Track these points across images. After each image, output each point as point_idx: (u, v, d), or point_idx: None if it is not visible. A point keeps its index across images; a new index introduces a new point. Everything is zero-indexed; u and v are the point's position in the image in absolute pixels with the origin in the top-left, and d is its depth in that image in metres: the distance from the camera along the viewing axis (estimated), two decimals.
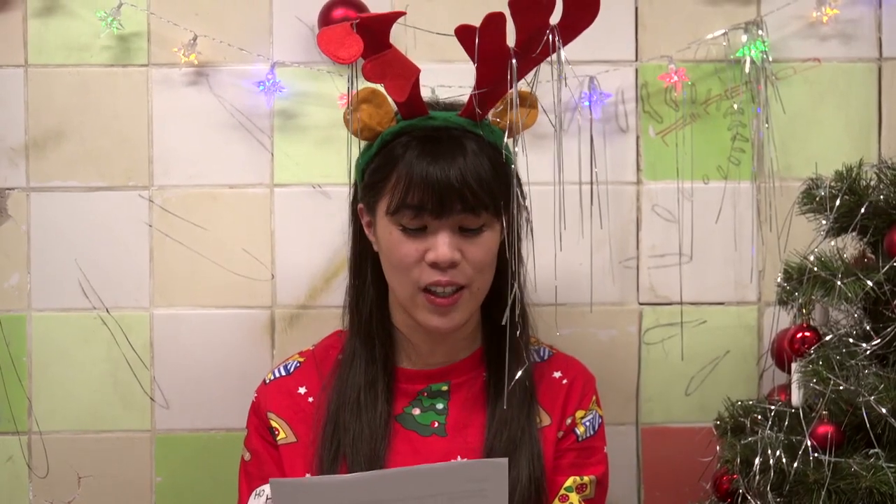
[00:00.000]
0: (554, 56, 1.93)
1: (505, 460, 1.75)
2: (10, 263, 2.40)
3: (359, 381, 2.03)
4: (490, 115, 2.02)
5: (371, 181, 2.00)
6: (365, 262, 2.05)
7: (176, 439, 2.42)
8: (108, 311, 2.41)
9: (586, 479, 2.05)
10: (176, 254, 2.41)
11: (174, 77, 2.40)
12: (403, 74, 1.95)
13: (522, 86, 1.99)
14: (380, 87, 1.99)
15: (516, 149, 1.98)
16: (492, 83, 1.95)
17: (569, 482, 2.04)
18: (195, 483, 2.42)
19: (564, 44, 1.93)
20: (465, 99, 2.02)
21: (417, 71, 1.96)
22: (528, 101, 2.03)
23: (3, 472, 2.42)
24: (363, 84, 1.97)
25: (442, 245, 1.94)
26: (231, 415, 2.25)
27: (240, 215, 2.41)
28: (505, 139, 2.00)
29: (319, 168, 2.41)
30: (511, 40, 1.92)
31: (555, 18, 1.92)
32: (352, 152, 2.00)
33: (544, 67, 1.99)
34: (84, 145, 2.40)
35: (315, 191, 2.41)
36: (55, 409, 2.41)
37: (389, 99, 2.00)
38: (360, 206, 2.04)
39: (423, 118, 2.00)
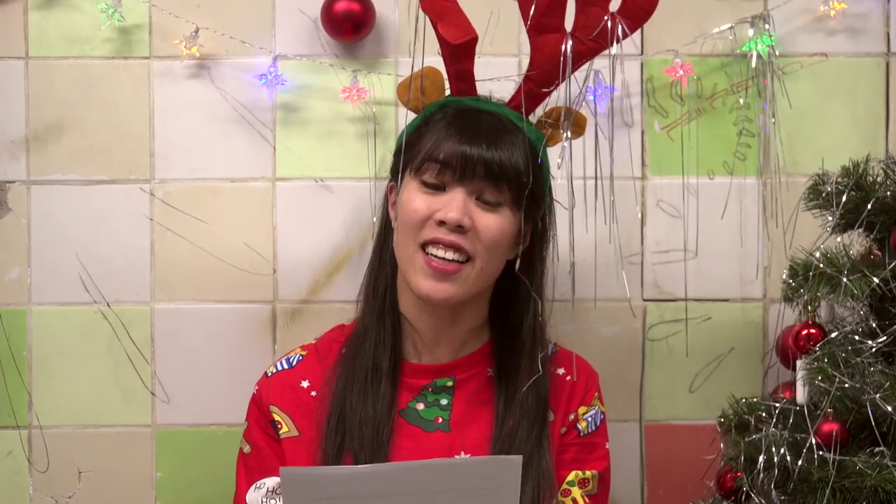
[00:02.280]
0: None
1: (519, 458, 1.73)
2: (11, 257, 2.39)
3: (367, 364, 2.02)
4: (537, 115, 2.04)
5: (407, 143, 1.99)
6: (387, 245, 2.05)
7: (177, 434, 2.42)
8: (108, 305, 2.40)
9: (588, 473, 2.05)
10: (177, 248, 2.40)
11: (176, 70, 2.39)
12: (459, 25, 1.98)
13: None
14: (440, 69, 2.03)
15: (559, 160, 1.99)
16: (543, 66, 1.98)
17: (570, 476, 2.04)
18: (196, 478, 2.41)
19: (630, 32, 1.99)
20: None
21: (474, 33, 1.98)
22: (579, 122, 2.08)
23: (4, 467, 2.41)
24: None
25: (454, 205, 1.93)
26: (232, 410, 2.24)
27: (241, 209, 2.40)
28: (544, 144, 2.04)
29: (322, 162, 2.40)
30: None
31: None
32: (363, 146, 2.00)
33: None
34: (85, 138, 2.39)
35: (317, 185, 2.40)
36: (55, 404, 2.41)
37: (445, 80, 2.04)
38: (391, 183, 2.05)
39: (471, 98, 2.03)
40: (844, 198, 2.05)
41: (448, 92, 2.07)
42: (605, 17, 1.96)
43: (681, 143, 2.41)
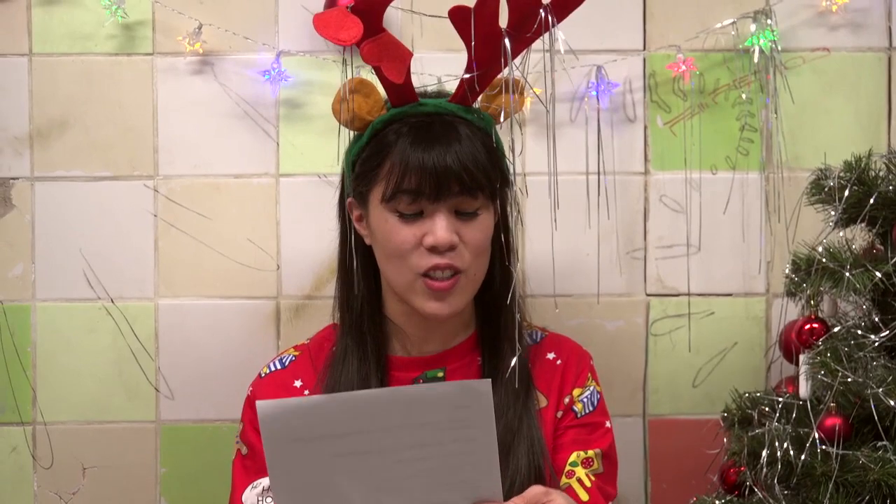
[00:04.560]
0: (547, 38, 1.92)
1: (487, 382, 1.72)
2: (15, 253, 2.40)
3: (352, 379, 2.01)
4: (479, 101, 2.02)
5: (363, 170, 1.98)
6: (354, 257, 2.03)
7: (181, 430, 2.42)
8: (112, 301, 2.40)
9: (591, 452, 2.03)
10: (181, 244, 2.40)
11: (179, 66, 2.39)
12: (399, 56, 1.94)
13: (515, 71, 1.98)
14: (369, 77, 1.98)
15: (521, 133, 1.97)
16: (484, 65, 1.94)
17: (572, 457, 2.02)
18: (200, 474, 2.42)
19: (558, 22, 1.92)
20: (453, 86, 2.01)
21: (410, 54, 1.95)
22: (516, 88, 2.03)
23: (8, 463, 2.42)
24: (354, 73, 1.95)
25: (440, 228, 1.92)
26: (236, 406, 2.23)
27: (245, 205, 2.40)
28: (497, 124, 2.00)
29: (325, 158, 2.40)
30: (503, 23, 1.91)
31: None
32: (345, 142, 1.98)
33: (546, 55, 1.99)
34: (88, 135, 2.39)
35: (321, 180, 2.40)
36: (60, 400, 2.41)
37: (379, 88, 1.99)
38: (350, 199, 2.03)
39: (413, 105, 1.99)
40: (847, 192, 2.05)
41: (384, 96, 2.01)
42: (540, 10, 1.93)
43: (683, 138, 2.41)
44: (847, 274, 1.99)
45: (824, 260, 2.02)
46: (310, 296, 2.41)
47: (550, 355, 2.09)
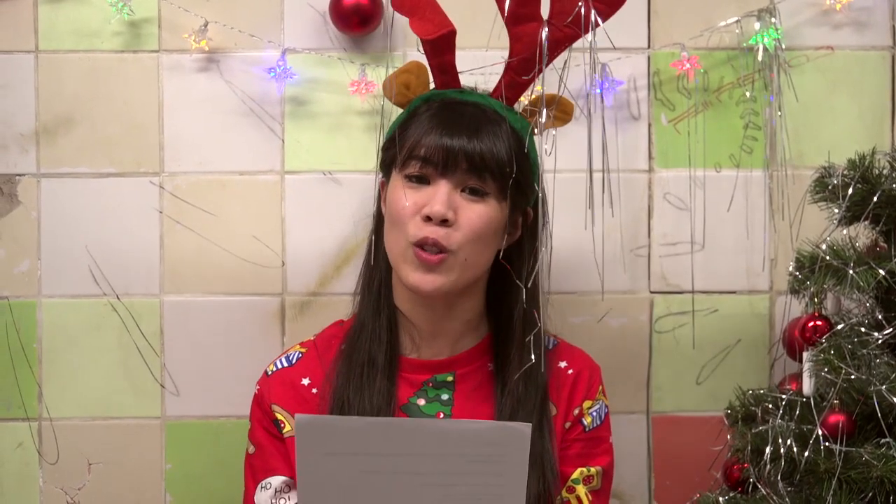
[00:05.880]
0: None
1: (527, 426, 1.71)
2: (21, 249, 2.40)
3: (363, 358, 2.02)
4: (523, 103, 2.03)
5: (390, 140, 2.01)
6: (380, 241, 2.04)
7: (186, 426, 2.42)
8: (118, 297, 2.41)
9: (593, 470, 2.05)
10: (186, 240, 2.40)
11: (185, 63, 2.40)
12: (433, 20, 1.99)
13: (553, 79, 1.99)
14: (424, 62, 2.03)
15: (546, 146, 1.99)
16: (522, 54, 1.99)
17: (576, 474, 2.04)
18: (205, 470, 2.42)
19: (603, 20, 1.97)
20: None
21: (451, 26, 1.99)
22: (565, 108, 2.08)
23: (14, 459, 2.42)
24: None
25: (438, 199, 1.93)
26: (241, 402, 2.24)
27: (250, 202, 2.41)
28: (530, 132, 2.03)
29: (330, 155, 2.40)
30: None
31: None
32: (371, 140, 2.00)
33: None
34: (94, 131, 2.39)
35: (326, 178, 2.41)
36: (65, 396, 2.41)
37: (430, 75, 2.04)
38: (382, 179, 2.05)
39: (455, 91, 2.03)
40: (850, 190, 2.05)
41: (433, 85, 2.07)
42: (580, 4, 1.96)
43: (687, 136, 2.42)
44: (850, 271, 1.99)
45: (828, 258, 2.03)
46: (315, 292, 2.42)
47: (562, 364, 2.09)
